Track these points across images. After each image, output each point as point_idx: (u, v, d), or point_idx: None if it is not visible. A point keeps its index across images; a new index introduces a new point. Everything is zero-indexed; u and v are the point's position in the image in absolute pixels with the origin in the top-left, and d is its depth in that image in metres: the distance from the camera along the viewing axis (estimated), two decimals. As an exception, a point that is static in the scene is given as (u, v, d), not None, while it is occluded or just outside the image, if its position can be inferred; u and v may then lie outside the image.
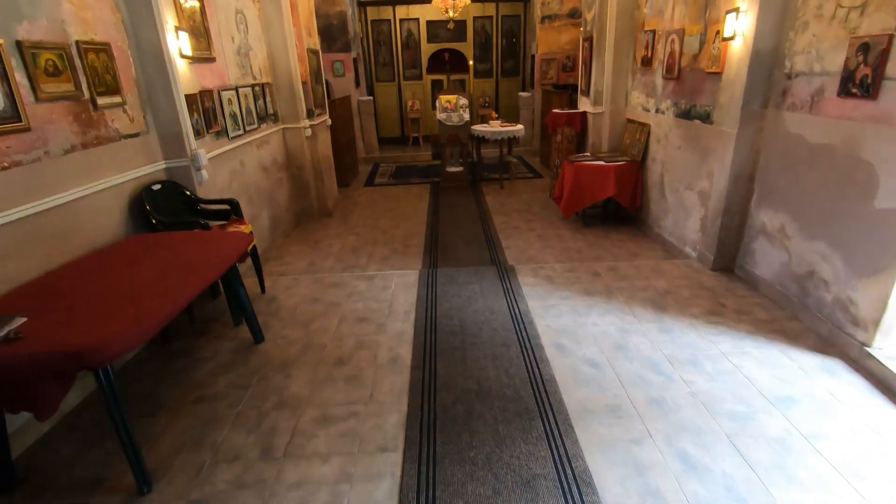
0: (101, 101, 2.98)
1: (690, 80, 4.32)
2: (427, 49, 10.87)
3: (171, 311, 2.24)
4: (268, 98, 5.44)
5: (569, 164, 5.47)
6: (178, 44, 3.52)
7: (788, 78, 3.28)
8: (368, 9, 10.51)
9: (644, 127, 5.28)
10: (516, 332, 3.24)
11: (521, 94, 10.23)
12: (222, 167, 4.24)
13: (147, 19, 3.30)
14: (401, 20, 10.62)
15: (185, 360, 3.10)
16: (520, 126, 7.59)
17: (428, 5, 10.52)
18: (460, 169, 7.74)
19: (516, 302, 3.65)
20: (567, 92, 8.00)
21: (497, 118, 7.81)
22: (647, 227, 5.27)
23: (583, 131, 6.47)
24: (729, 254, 3.97)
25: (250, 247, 3.65)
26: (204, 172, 3.79)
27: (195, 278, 2.58)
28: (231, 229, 3.60)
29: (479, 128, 7.54)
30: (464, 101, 7.58)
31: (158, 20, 3.32)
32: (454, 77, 11.22)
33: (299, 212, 6.25)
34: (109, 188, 3.05)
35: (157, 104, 3.49)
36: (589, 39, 6.12)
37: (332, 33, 9.37)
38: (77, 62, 2.82)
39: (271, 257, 5.02)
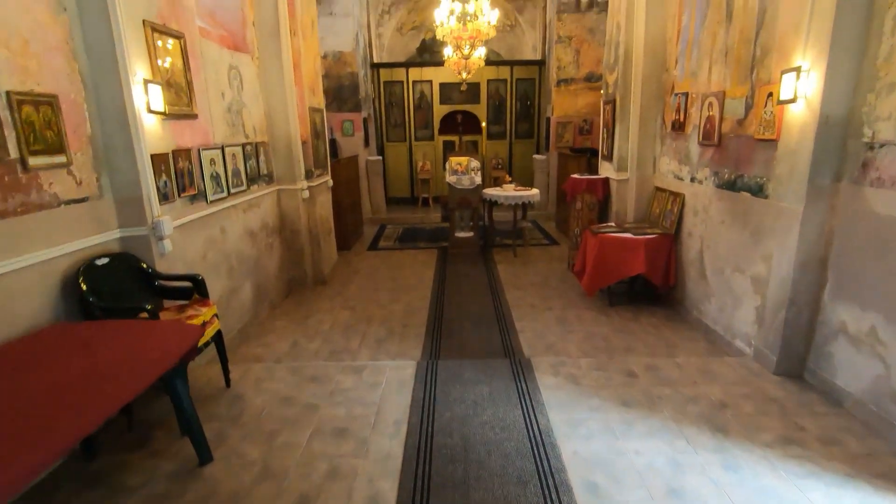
0: (34, 161, 2.47)
1: (735, 148, 3.77)
2: (440, 110, 10.68)
3: (75, 437, 1.61)
4: (261, 158, 5.00)
5: (592, 236, 4.87)
6: (146, 98, 3.07)
7: (870, 148, 2.69)
8: (381, 70, 10.44)
9: (677, 197, 4.70)
10: (535, 461, 2.50)
11: (536, 156, 9.86)
12: (196, 235, 3.70)
13: (110, 70, 2.86)
14: (414, 82, 10.51)
15: (104, 489, 2.40)
16: (535, 190, 7.09)
17: (441, 68, 10.44)
18: (471, 234, 7.19)
19: (534, 413, 2.92)
20: (585, 156, 7.55)
21: (511, 181, 7.34)
22: (685, 310, 4.56)
23: (605, 199, 5.92)
24: (797, 355, 3.24)
25: (204, 340, 3.01)
26: (167, 243, 3.23)
27: (116, 389, 1.94)
28: (189, 313, 2.99)
29: (491, 191, 7.05)
30: (475, 163, 7.15)
31: (124, 72, 2.88)
32: (466, 138, 10.95)
33: (292, 279, 5.66)
34: (34, 265, 2.48)
35: (115, 165, 2.99)
36: (611, 103, 5.70)
37: (342, 94, 9.20)
38: (5, 115, 2.33)
39: (251, 335, 4.38)
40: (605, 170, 6.00)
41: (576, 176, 6.17)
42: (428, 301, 5.22)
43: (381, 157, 9.98)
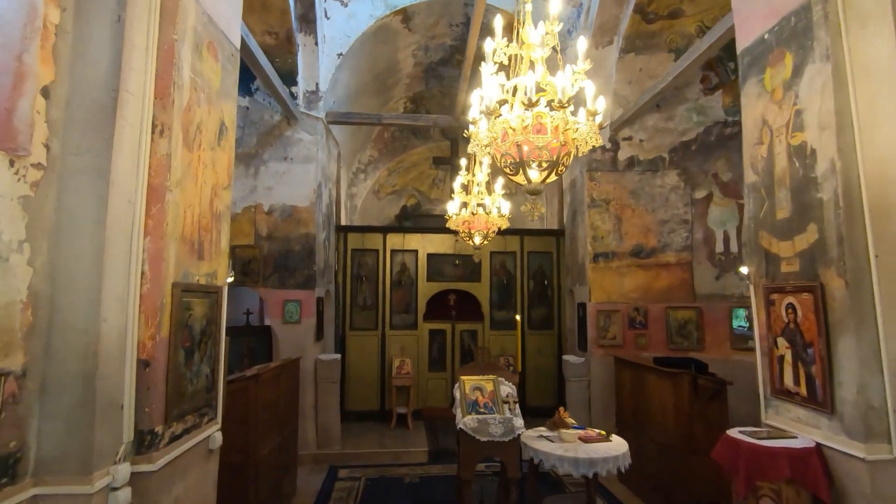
0: None
1: None
2: (426, 289, 7.82)
3: None
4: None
5: None
6: None
7: None
8: (350, 235, 7.78)
9: None
10: None
11: (569, 359, 6.76)
12: None
13: None
14: (393, 251, 7.82)
15: None
16: (618, 442, 3.80)
17: (430, 236, 7.89)
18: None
19: None
20: (686, 374, 4.47)
21: (567, 419, 4.04)
22: None
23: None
24: None
25: None
26: None
27: None
28: None
29: (543, 447, 3.68)
30: (508, 387, 3.94)
31: None
32: (462, 327, 7.95)
33: None
34: None
35: None
36: (812, 290, 2.80)
37: (288, 263, 6.27)
38: None
39: None
40: (810, 430, 2.85)
41: (759, 443, 2.88)
42: None
43: (339, 356, 6.68)
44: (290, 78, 6.31)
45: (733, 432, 3.03)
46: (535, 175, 2.35)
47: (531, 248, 8.05)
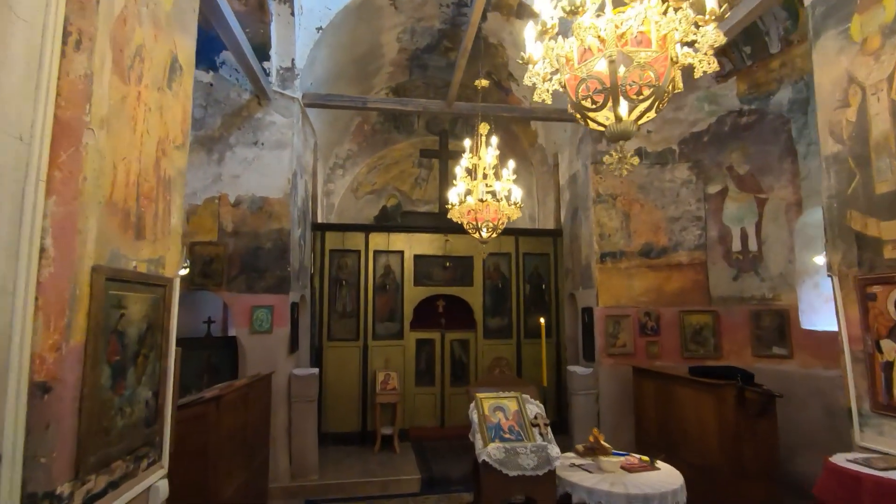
0: None
1: None
2: (413, 295, 7.05)
3: None
4: None
5: None
6: None
7: None
8: (328, 234, 6.95)
9: None
10: None
11: (575, 370, 6.10)
12: None
13: None
14: (376, 252, 7.03)
15: None
16: (672, 475, 3.13)
17: (419, 235, 7.16)
18: None
19: None
20: (732, 386, 3.85)
21: (604, 443, 3.35)
22: None
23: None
24: None
25: None
26: None
27: None
28: None
29: (584, 481, 2.96)
30: (536, 406, 3.23)
31: None
32: (453, 336, 7.20)
33: None
34: None
35: None
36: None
37: (258, 263, 5.41)
38: None
39: None
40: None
41: (878, 475, 2.26)
42: None
43: (317, 371, 5.82)
44: (262, 52, 5.51)
45: (839, 460, 2.39)
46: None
47: (527, 250, 7.40)
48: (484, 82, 4.47)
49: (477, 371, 7.08)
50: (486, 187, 4.20)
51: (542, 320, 4.44)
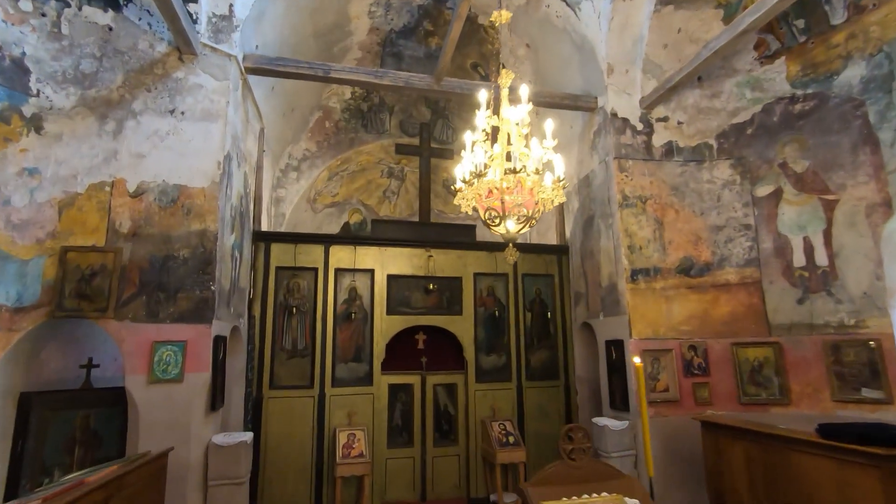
0: None
1: None
2: (386, 327, 5.44)
3: None
4: None
5: None
6: None
7: None
8: (273, 247, 5.29)
9: None
10: None
11: (606, 423, 4.60)
12: None
13: None
14: (338, 271, 5.42)
15: None
16: None
17: (394, 249, 5.62)
18: None
19: None
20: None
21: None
22: None
23: None
24: None
25: None
26: None
27: None
28: None
29: None
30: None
31: None
32: (436, 379, 5.60)
33: None
34: None
35: None
36: None
37: (167, 277, 3.73)
38: None
39: None
40: None
41: None
42: None
43: (250, 435, 4.05)
44: (185, -11, 4.01)
45: None
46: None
47: (527, 270, 5.99)
48: (506, 14, 3.12)
49: (468, 425, 5.47)
50: (517, 160, 2.77)
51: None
